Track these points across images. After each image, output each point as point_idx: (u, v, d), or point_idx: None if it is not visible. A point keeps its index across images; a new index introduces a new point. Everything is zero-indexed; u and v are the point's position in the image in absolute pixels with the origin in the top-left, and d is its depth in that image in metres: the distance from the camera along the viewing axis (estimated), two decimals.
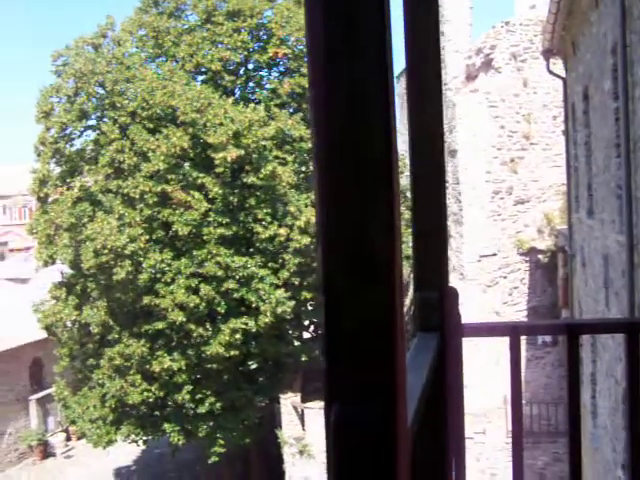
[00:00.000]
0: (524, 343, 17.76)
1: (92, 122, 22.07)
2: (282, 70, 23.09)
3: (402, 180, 15.93)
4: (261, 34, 22.28)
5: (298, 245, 19.71)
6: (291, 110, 22.27)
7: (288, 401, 22.21)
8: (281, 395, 22.46)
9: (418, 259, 2.08)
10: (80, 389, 22.76)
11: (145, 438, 22.94)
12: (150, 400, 20.77)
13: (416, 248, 2.07)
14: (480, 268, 19.55)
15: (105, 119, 21.29)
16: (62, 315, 21.66)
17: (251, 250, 20.84)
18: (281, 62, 22.61)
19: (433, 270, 2.08)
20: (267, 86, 23.12)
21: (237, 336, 19.70)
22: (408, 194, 2.16)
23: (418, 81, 2.04)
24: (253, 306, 20.09)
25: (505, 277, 19.74)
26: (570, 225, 15.47)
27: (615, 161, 9.54)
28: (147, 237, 19.53)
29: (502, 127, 19.46)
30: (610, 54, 9.56)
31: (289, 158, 20.99)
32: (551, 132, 19.48)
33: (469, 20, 19.83)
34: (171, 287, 19.47)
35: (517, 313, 19.67)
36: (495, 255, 19.61)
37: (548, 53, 15.53)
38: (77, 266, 21.01)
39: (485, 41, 19.48)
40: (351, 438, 0.90)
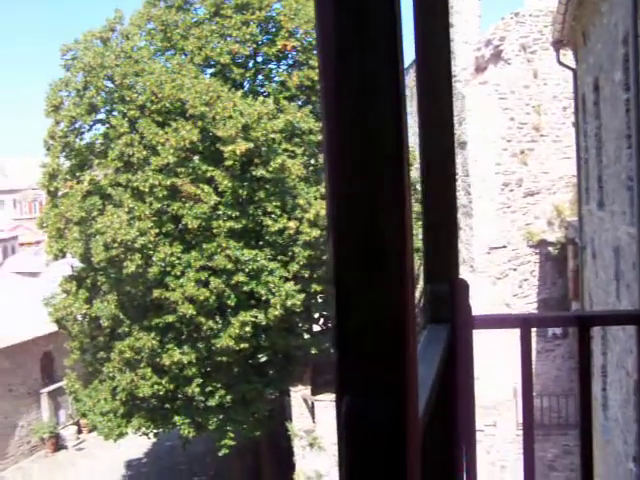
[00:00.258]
0: (534, 335, 17.72)
1: (101, 116, 22.11)
2: (291, 63, 23.05)
3: (412, 173, 15.88)
4: (270, 27, 22.24)
5: (307, 238, 19.71)
6: (300, 103, 22.23)
7: (298, 394, 22.26)
8: (291, 388, 22.51)
9: (428, 251, 2.08)
10: (91, 382, 22.87)
11: (156, 431, 23.04)
12: (160, 393, 20.85)
13: (426, 240, 2.07)
14: (490, 260, 19.51)
15: (114, 113, 21.33)
16: (72, 309, 21.77)
17: (261, 243, 20.85)
18: (290, 55, 22.56)
19: (443, 262, 2.08)
20: (276, 79, 23.09)
21: (247, 329, 19.73)
22: (418, 187, 2.16)
23: (428, 73, 2.03)
24: (263, 299, 20.11)
25: (515, 269, 19.69)
26: (580, 217, 15.40)
27: (626, 152, 9.49)
28: (157, 230, 19.57)
29: (512, 119, 19.39)
30: (621, 44, 9.49)
31: (298, 151, 20.98)
32: (561, 123, 19.39)
33: (478, 11, 19.74)
34: (181, 280, 19.52)
35: (527, 305, 19.62)
36: (505, 247, 19.57)
37: (558, 44, 15.44)
38: (87, 260, 21.09)
39: (494, 32, 19.39)
40: (362, 430, 0.90)
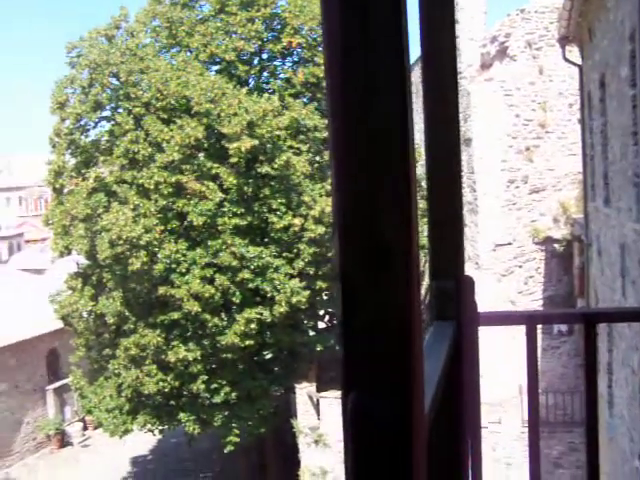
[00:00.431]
0: (539, 333, 17.70)
1: (107, 113, 22.13)
2: (296, 59, 23.02)
3: (417, 169, 15.87)
4: (275, 23, 22.23)
5: (313, 235, 19.72)
6: (305, 100, 22.21)
7: (303, 391, 22.29)
8: (296, 385, 22.53)
9: (434, 248, 2.08)
10: (96, 379, 22.92)
11: (161, 427, 23.09)
12: (166, 390, 20.88)
13: (432, 237, 2.07)
14: (495, 257, 19.49)
15: (120, 110, 21.34)
16: (78, 306, 21.82)
17: (266, 240, 20.86)
18: (295, 51, 22.55)
19: (449, 259, 2.08)
20: (281, 76, 23.08)
21: (252, 326, 19.75)
22: (423, 183, 2.16)
23: (433, 70, 2.03)
24: (268, 296, 20.12)
25: (520, 266, 19.66)
26: (586, 214, 15.37)
27: (632, 149, 9.47)
28: (162, 227, 19.60)
29: (517, 115, 19.35)
30: (628, 40, 9.46)
31: (303, 148, 20.97)
32: (567, 120, 19.34)
33: (484, 8, 19.69)
34: (186, 277, 19.54)
35: (532, 302, 19.60)
36: (510, 244, 19.54)
37: (564, 40, 15.41)
38: (93, 257, 21.12)
39: (500, 29, 19.35)
40: (368, 427, 0.90)
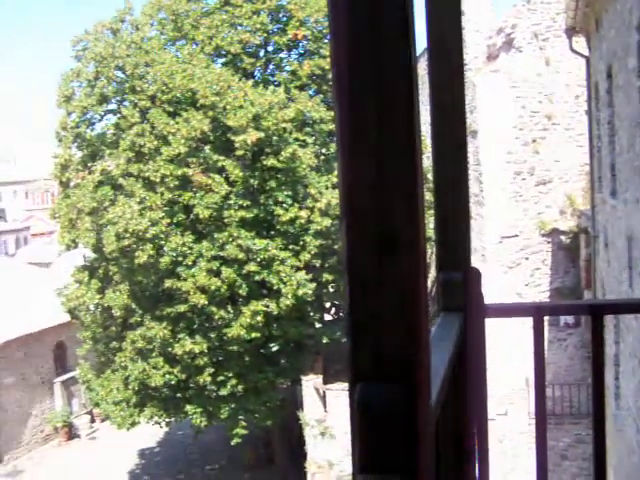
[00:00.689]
0: (546, 325, 17.68)
1: (112, 106, 22.16)
2: (302, 52, 22.99)
3: (424, 161, 15.82)
4: (280, 16, 22.19)
5: (319, 227, 19.71)
6: (311, 92, 22.18)
7: (310, 383, 22.31)
8: (303, 377, 22.56)
9: (441, 240, 2.08)
10: (103, 372, 23.00)
11: (168, 420, 23.18)
12: (172, 382, 20.96)
13: (438, 229, 2.07)
14: (502, 249, 19.44)
15: (125, 103, 21.35)
16: (85, 299, 21.88)
17: (272, 232, 20.86)
18: (301, 44, 22.51)
19: (455, 251, 2.08)
20: (287, 68, 23.04)
21: (258, 318, 19.77)
22: (430, 176, 2.15)
23: (440, 61, 2.03)
24: (274, 288, 20.14)
25: (527, 258, 19.62)
26: (593, 206, 15.32)
27: (639, 140, 9.42)
28: (168, 220, 19.63)
29: (523, 107, 19.27)
30: (635, 31, 9.40)
31: (309, 140, 20.96)
32: (574, 112, 19.26)
33: None
34: (192, 270, 19.57)
35: (539, 294, 19.56)
36: (517, 236, 19.49)
37: (571, 31, 15.33)
38: (99, 250, 21.16)
39: (506, 20, 19.26)
40: (375, 417, 0.90)
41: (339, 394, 20.77)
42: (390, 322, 0.90)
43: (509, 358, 16.86)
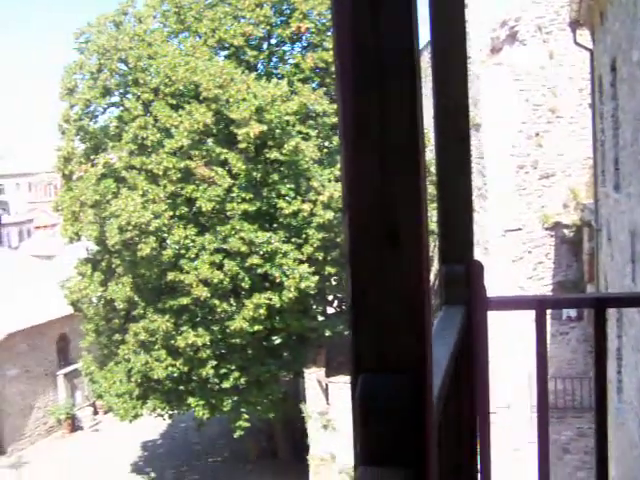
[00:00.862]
0: (548, 318, 17.67)
1: (115, 99, 22.16)
2: (305, 44, 22.94)
3: (427, 155, 15.81)
4: (284, 8, 22.13)
5: (321, 220, 19.70)
6: (314, 85, 22.13)
7: (312, 376, 22.32)
8: (305, 370, 22.58)
9: (443, 233, 2.08)
10: (106, 364, 23.05)
11: (171, 412, 23.24)
12: (175, 375, 20.99)
13: (441, 222, 2.07)
14: (505, 243, 19.42)
15: (128, 96, 21.34)
16: (88, 291, 21.92)
17: (275, 225, 20.87)
18: (304, 36, 22.46)
19: (458, 244, 2.08)
20: (290, 61, 23.00)
21: (261, 311, 19.79)
22: (432, 169, 2.15)
23: (443, 54, 2.02)
24: (277, 281, 20.15)
25: (530, 252, 19.60)
26: (596, 199, 15.30)
27: None
28: (171, 213, 19.63)
29: (527, 100, 19.22)
30: None
31: (312, 133, 20.93)
32: (577, 105, 19.20)
33: None
34: (195, 263, 19.59)
35: (542, 288, 19.54)
36: (520, 230, 19.46)
37: (575, 24, 15.28)
38: (102, 242, 21.19)
39: (510, 13, 19.20)
40: (377, 410, 0.91)
41: (342, 387, 20.78)
42: (392, 315, 0.90)
43: (511, 351, 16.86)
